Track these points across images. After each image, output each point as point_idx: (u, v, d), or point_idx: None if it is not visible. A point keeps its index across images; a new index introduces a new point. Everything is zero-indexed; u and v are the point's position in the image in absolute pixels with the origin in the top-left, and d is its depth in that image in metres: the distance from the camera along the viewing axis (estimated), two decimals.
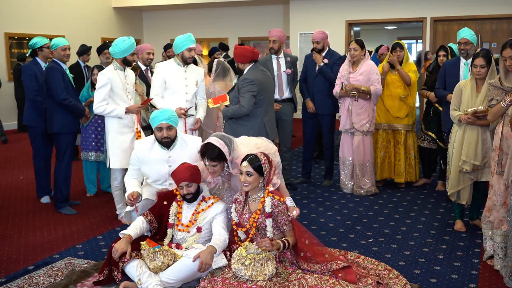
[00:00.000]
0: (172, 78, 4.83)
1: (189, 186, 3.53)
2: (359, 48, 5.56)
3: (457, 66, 5.08)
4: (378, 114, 5.90)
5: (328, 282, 3.16)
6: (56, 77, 4.98)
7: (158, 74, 4.86)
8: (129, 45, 4.61)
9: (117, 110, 4.61)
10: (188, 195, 3.54)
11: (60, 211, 5.16)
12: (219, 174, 3.65)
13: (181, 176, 3.51)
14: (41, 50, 5.36)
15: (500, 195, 3.72)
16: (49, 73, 5.01)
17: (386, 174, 6.00)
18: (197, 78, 4.96)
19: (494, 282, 3.53)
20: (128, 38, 4.67)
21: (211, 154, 3.51)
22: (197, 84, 4.94)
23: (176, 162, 3.77)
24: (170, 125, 3.83)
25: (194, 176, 3.55)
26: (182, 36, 4.79)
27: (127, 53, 4.64)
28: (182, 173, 3.53)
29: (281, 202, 3.39)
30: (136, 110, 4.69)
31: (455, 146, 4.35)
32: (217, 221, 3.53)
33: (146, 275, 3.28)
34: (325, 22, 11.28)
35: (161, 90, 4.85)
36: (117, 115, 4.62)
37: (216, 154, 3.51)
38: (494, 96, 3.74)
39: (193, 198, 3.58)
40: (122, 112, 4.62)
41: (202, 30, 13.40)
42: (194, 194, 3.57)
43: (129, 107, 4.66)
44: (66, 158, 5.18)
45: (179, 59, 4.85)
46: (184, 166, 3.59)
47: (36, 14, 11.27)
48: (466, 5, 10.46)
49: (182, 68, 4.87)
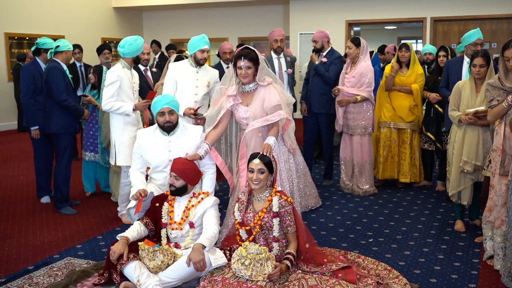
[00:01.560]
0: (183, 78, 4.88)
1: (176, 179, 3.59)
2: (353, 46, 5.55)
3: (460, 65, 5.07)
4: (384, 112, 5.89)
5: (328, 282, 3.16)
6: (57, 78, 4.99)
7: (169, 74, 4.95)
8: (141, 45, 4.72)
9: (125, 107, 4.65)
10: (171, 186, 3.62)
11: (60, 211, 5.17)
12: (249, 80, 3.92)
13: (176, 166, 3.61)
14: (46, 52, 5.34)
15: (502, 196, 3.71)
16: (50, 73, 5.01)
17: (389, 174, 5.98)
18: (209, 79, 4.97)
19: (494, 282, 3.52)
20: (139, 38, 4.73)
21: (249, 54, 3.87)
22: (208, 86, 4.96)
23: (176, 148, 3.88)
24: (172, 110, 3.88)
25: (187, 173, 3.61)
26: (197, 37, 4.85)
27: (138, 53, 4.75)
28: (178, 164, 3.62)
29: (288, 203, 3.39)
30: (143, 106, 4.75)
31: (455, 147, 4.34)
32: (207, 215, 3.57)
33: (145, 276, 3.28)
34: (325, 22, 11.28)
35: (172, 89, 4.89)
36: (125, 111, 4.66)
37: (254, 55, 3.88)
38: (495, 97, 3.70)
39: (176, 192, 3.62)
40: (130, 109, 4.66)
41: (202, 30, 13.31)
42: (177, 189, 3.61)
43: (137, 104, 4.73)
44: (65, 158, 5.18)
45: (192, 60, 4.89)
46: (186, 160, 3.69)
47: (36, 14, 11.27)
48: (466, 5, 10.46)
49: (194, 69, 4.90)
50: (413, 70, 5.75)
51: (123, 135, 4.73)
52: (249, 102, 4.01)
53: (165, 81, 5.00)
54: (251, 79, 3.93)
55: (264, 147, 3.65)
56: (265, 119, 3.91)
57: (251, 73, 3.90)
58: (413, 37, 15.31)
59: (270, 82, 3.97)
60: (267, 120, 3.88)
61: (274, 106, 3.93)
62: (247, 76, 3.89)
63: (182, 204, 3.65)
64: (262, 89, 3.97)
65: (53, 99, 5.04)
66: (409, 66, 5.75)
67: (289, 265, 3.26)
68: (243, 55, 3.87)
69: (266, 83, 3.96)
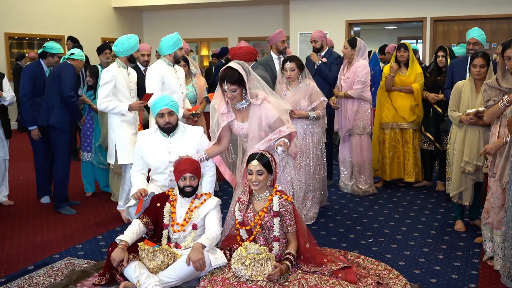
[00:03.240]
0: (168, 78, 4.84)
1: (193, 179, 3.58)
2: (349, 47, 5.57)
3: (465, 66, 5.03)
4: (385, 113, 5.89)
5: (328, 282, 3.16)
6: (70, 74, 5.05)
7: (154, 75, 4.73)
8: (134, 43, 4.69)
9: (120, 107, 4.64)
10: (188, 187, 3.57)
11: (60, 211, 5.16)
12: (238, 100, 3.76)
13: (187, 167, 3.57)
14: (52, 57, 5.35)
15: (498, 198, 3.71)
16: (64, 69, 5.07)
17: (396, 174, 5.98)
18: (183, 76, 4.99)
19: (494, 282, 3.53)
20: (133, 36, 4.71)
21: (232, 77, 3.64)
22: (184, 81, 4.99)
23: (176, 149, 3.84)
24: (171, 111, 3.86)
25: (198, 170, 3.62)
26: (173, 37, 4.72)
27: (132, 51, 4.72)
28: (188, 165, 3.59)
29: (289, 202, 3.39)
30: (138, 107, 4.72)
31: (456, 147, 4.33)
32: (209, 216, 3.56)
33: (145, 276, 3.28)
34: (325, 22, 11.28)
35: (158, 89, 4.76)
36: (120, 111, 4.65)
37: (236, 77, 3.65)
38: (492, 97, 3.69)
39: (191, 193, 3.61)
40: (125, 109, 4.65)
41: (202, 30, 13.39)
42: (194, 189, 3.60)
43: (132, 104, 4.70)
44: (61, 156, 5.18)
45: (170, 59, 4.77)
46: (190, 160, 3.67)
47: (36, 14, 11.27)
48: (466, 5, 10.45)
49: (173, 68, 4.85)
50: (412, 69, 5.76)
51: (122, 134, 4.72)
52: (244, 118, 3.86)
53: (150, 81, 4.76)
54: (240, 99, 3.76)
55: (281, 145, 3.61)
56: (268, 139, 3.74)
57: (238, 94, 3.72)
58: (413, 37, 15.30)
59: (264, 98, 3.77)
60: (270, 140, 3.73)
61: (274, 122, 3.79)
62: (235, 98, 3.73)
63: (185, 205, 3.63)
64: (257, 108, 3.78)
65: (58, 93, 5.05)
66: (408, 66, 5.75)
67: (289, 266, 3.25)
68: (226, 78, 3.67)
69: (260, 101, 3.75)
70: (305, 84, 4.81)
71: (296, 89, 4.81)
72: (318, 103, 4.83)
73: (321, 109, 4.85)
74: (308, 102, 4.79)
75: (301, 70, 4.78)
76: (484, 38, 5.03)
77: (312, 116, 4.79)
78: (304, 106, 4.78)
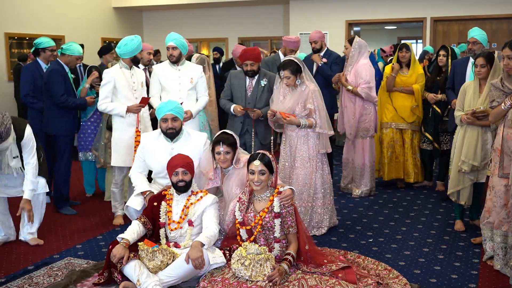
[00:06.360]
0: (165, 79, 4.88)
1: (185, 174, 3.56)
2: (349, 46, 5.56)
3: (465, 66, 5.02)
4: (385, 113, 5.89)
5: (328, 282, 3.16)
6: (57, 80, 5.00)
7: (153, 76, 4.96)
8: (137, 45, 4.67)
9: (118, 109, 4.63)
10: (181, 182, 3.55)
11: (60, 211, 5.17)
12: (228, 165, 3.80)
13: (178, 162, 3.56)
14: (44, 52, 5.33)
15: (500, 197, 3.71)
16: (51, 76, 5.02)
17: (394, 174, 5.97)
18: (192, 75, 4.93)
19: (494, 282, 3.53)
20: (135, 37, 4.70)
21: (228, 140, 3.76)
22: (191, 82, 4.92)
23: None
24: (175, 116, 3.86)
25: (191, 165, 3.60)
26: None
27: (135, 52, 4.69)
28: (179, 159, 3.58)
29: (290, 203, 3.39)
30: (135, 109, 4.69)
31: (456, 146, 4.35)
32: (207, 214, 3.55)
33: (144, 275, 3.28)
34: (325, 22, 11.27)
35: (158, 90, 4.93)
36: (118, 113, 4.65)
37: (232, 140, 3.78)
38: (495, 98, 3.70)
39: (185, 188, 3.59)
40: (123, 111, 4.63)
41: (202, 30, 13.37)
42: (187, 183, 3.58)
43: (130, 106, 4.66)
44: (65, 158, 5.19)
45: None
46: (181, 155, 3.67)
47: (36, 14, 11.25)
48: (466, 5, 10.44)
49: (175, 68, 4.89)
50: (414, 70, 5.75)
51: (120, 137, 4.70)
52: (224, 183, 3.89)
53: (150, 82, 5.01)
54: (229, 164, 3.80)
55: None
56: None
57: (230, 157, 3.77)
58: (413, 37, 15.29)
59: (245, 162, 3.70)
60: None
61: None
62: (226, 161, 3.77)
63: (181, 202, 3.63)
64: (236, 171, 3.83)
65: (52, 101, 5.05)
66: (409, 66, 5.75)
67: (286, 269, 3.24)
68: (222, 140, 3.74)
69: (243, 164, 3.78)
70: (301, 90, 4.47)
71: (292, 94, 4.50)
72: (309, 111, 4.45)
73: (314, 116, 4.46)
74: (302, 108, 4.46)
75: (297, 74, 4.43)
76: (484, 38, 5.00)
77: (304, 124, 4.41)
78: (298, 112, 4.46)
